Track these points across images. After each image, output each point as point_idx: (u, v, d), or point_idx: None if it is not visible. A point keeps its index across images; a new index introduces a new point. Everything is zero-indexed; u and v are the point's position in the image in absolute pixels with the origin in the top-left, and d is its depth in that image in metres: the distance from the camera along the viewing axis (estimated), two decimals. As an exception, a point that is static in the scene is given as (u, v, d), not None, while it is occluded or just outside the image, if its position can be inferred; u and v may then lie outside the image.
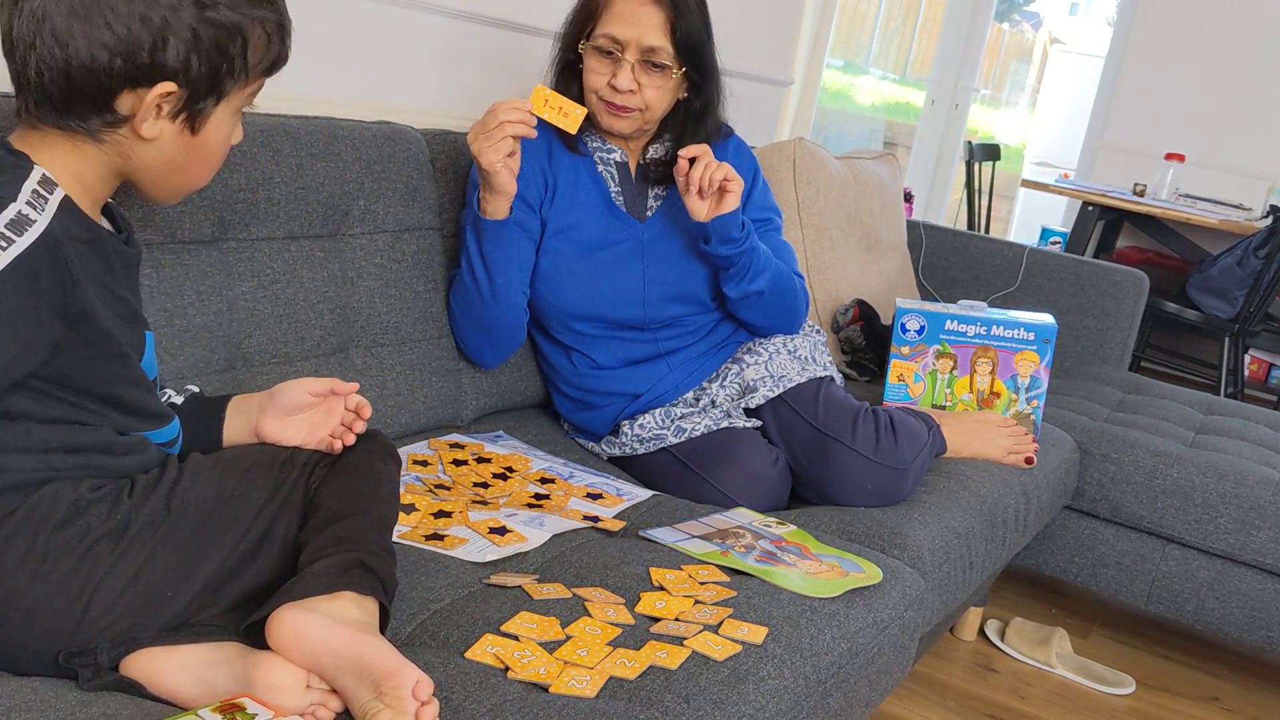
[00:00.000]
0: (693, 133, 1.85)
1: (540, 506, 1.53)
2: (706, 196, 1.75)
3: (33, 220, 0.98)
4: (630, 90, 1.75)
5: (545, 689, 1.09)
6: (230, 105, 1.11)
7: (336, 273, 1.65)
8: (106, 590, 1.02)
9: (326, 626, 0.99)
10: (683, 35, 1.75)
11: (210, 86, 1.07)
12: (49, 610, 1.00)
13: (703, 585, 1.33)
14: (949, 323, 2.07)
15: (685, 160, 1.73)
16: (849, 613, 1.36)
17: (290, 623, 0.99)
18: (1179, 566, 2.34)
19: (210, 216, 1.47)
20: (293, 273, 1.58)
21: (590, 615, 1.23)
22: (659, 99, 1.79)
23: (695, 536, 1.49)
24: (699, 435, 1.78)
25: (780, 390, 1.83)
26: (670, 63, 1.76)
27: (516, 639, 1.16)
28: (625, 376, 1.87)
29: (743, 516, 1.59)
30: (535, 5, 2.20)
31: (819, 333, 2.03)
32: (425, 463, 1.62)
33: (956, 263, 2.99)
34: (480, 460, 1.65)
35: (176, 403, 1.26)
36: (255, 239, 1.54)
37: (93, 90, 1.03)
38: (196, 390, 1.29)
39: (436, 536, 1.38)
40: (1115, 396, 2.70)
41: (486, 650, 1.14)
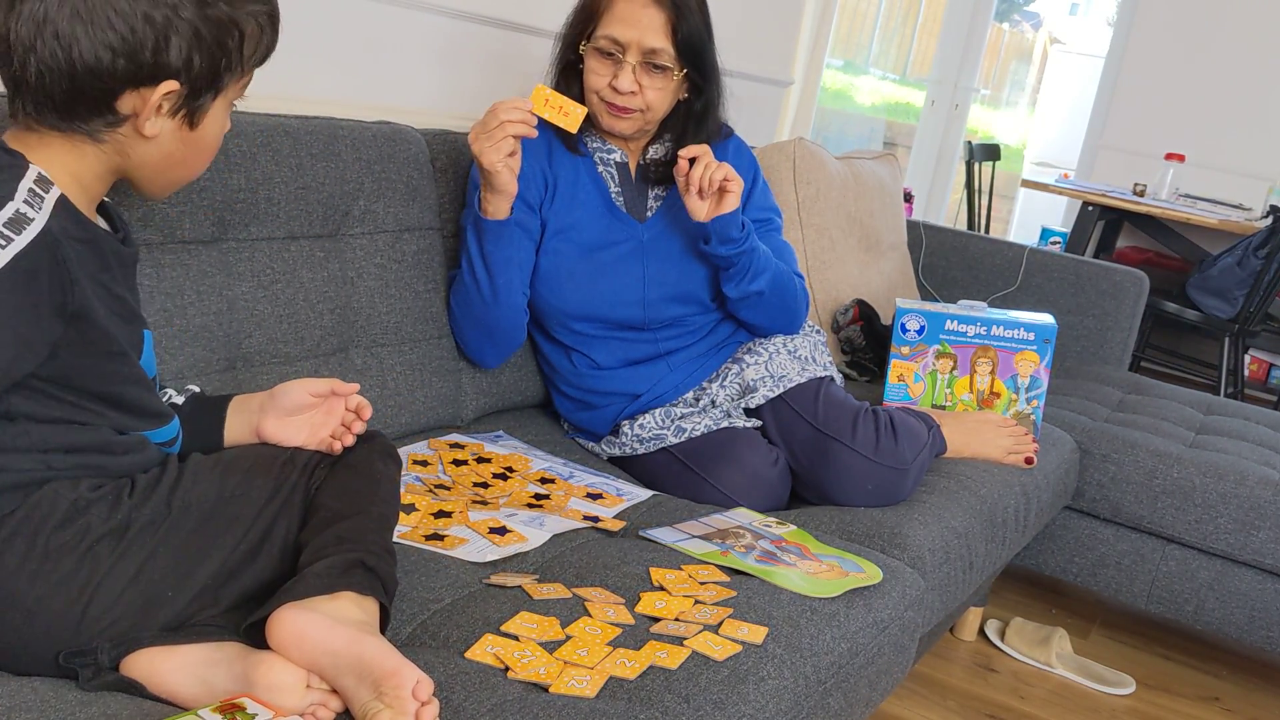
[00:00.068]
0: (693, 133, 1.85)
1: (540, 506, 1.53)
2: (706, 196, 1.75)
3: (30, 219, 0.98)
4: (632, 92, 1.75)
5: (545, 689, 1.09)
6: (226, 99, 1.11)
7: (336, 273, 1.65)
8: (107, 590, 1.02)
9: (327, 626, 0.99)
10: (684, 37, 1.75)
11: (210, 82, 1.07)
12: (49, 610, 1.00)
13: (703, 585, 1.33)
14: (949, 323, 2.07)
15: (685, 160, 1.73)
16: (849, 613, 1.36)
17: (290, 623, 0.99)
18: (1179, 566, 2.34)
19: (210, 216, 1.47)
20: (293, 273, 1.58)
21: (590, 615, 1.23)
22: (660, 100, 1.79)
23: (695, 536, 1.49)
24: (699, 435, 1.78)
25: (780, 390, 1.83)
26: (671, 64, 1.76)
27: (516, 639, 1.16)
28: (625, 377, 1.87)
29: (743, 516, 1.60)
30: (535, 5, 2.20)
31: (819, 333, 2.03)
32: (425, 463, 1.62)
33: (956, 263, 2.99)
34: (480, 460, 1.65)
35: (177, 402, 1.26)
36: (255, 239, 1.54)
37: (96, 92, 1.02)
38: (197, 390, 1.29)
39: (436, 536, 1.38)
40: (1115, 396, 2.70)
41: (486, 650, 1.14)
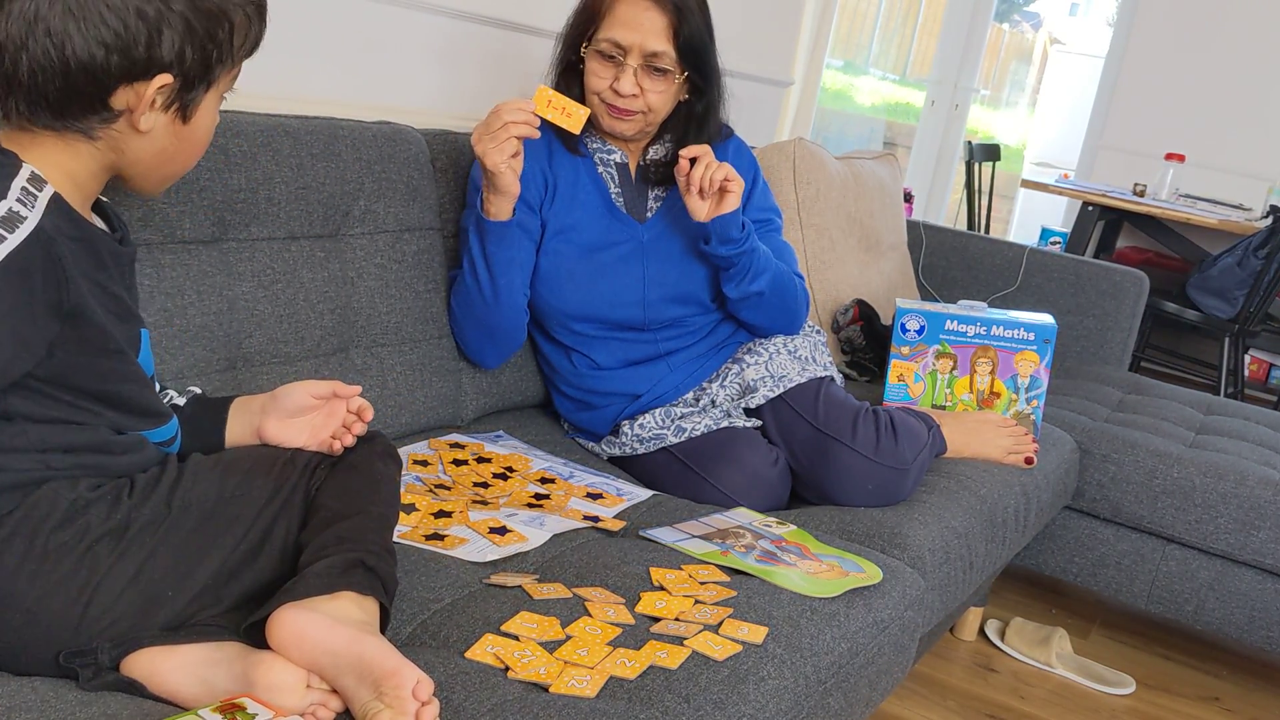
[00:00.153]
0: (694, 135, 1.85)
1: (540, 506, 1.53)
2: (707, 196, 1.75)
3: (23, 217, 0.97)
4: (633, 95, 1.75)
5: (545, 689, 1.09)
6: (217, 91, 1.11)
7: (337, 273, 1.65)
8: (106, 590, 1.02)
9: (327, 626, 0.99)
10: (685, 39, 1.75)
11: (202, 74, 1.07)
12: (49, 610, 1.00)
13: (703, 585, 1.33)
14: (949, 323, 2.07)
15: (686, 160, 1.73)
16: (849, 613, 1.36)
17: (291, 622, 0.99)
18: (1179, 566, 2.34)
19: (210, 216, 1.47)
20: (293, 273, 1.58)
21: (590, 615, 1.23)
22: (662, 102, 1.79)
23: (695, 536, 1.49)
24: (699, 435, 1.78)
25: (780, 390, 1.83)
26: (672, 67, 1.76)
27: (517, 639, 1.16)
28: (625, 377, 1.87)
29: (743, 516, 1.60)
30: (535, 5, 2.20)
31: (819, 333, 2.03)
32: (425, 463, 1.62)
33: (956, 263, 2.99)
34: (480, 460, 1.65)
35: (179, 404, 1.26)
36: (256, 239, 1.54)
37: (90, 89, 1.02)
38: (198, 391, 1.29)
39: (437, 536, 1.38)
40: (1115, 396, 2.70)
41: (487, 650, 1.14)
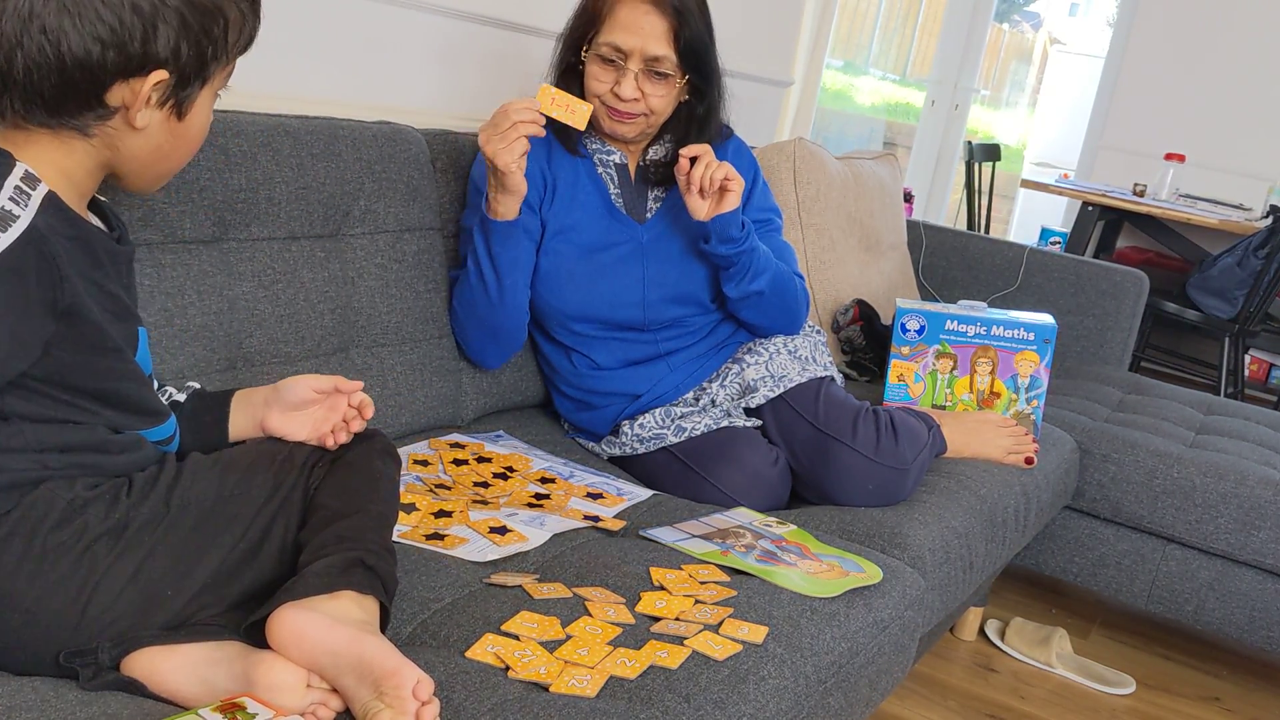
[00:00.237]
0: (695, 136, 1.85)
1: (540, 506, 1.53)
2: (708, 196, 1.75)
3: (16, 216, 0.97)
4: (634, 99, 1.75)
5: (546, 688, 1.09)
6: (212, 88, 1.11)
7: (337, 273, 1.65)
8: (105, 589, 1.02)
9: (327, 626, 0.99)
10: (686, 43, 1.75)
11: (197, 70, 1.07)
12: (48, 610, 1.00)
13: (703, 585, 1.33)
14: (949, 323, 2.07)
15: (686, 159, 1.73)
16: (849, 613, 1.36)
17: (290, 622, 0.99)
18: (1179, 566, 2.34)
19: (211, 216, 1.47)
20: (293, 273, 1.58)
21: (591, 615, 1.23)
22: (663, 105, 1.79)
23: (695, 536, 1.49)
24: (699, 435, 1.78)
25: (781, 390, 1.83)
26: (673, 71, 1.76)
27: (517, 638, 1.16)
28: (625, 377, 1.87)
29: (743, 516, 1.60)
30: (535, 5, 2.20)
31: (819, 333, 2.03)
32: (426, 462, 1.62)
33: (956, 263, 2.99)
34: (481, 460, 1.65)
35: (179, 400, 1.26)
36: (256, 239, 1.54)
37: (85, 85, 1.01)
38: (197, 387, 1.29)
39: (437, 536, 1.38)
40: (1115, 396, 2.70)
41: (487, 650, 1.14)
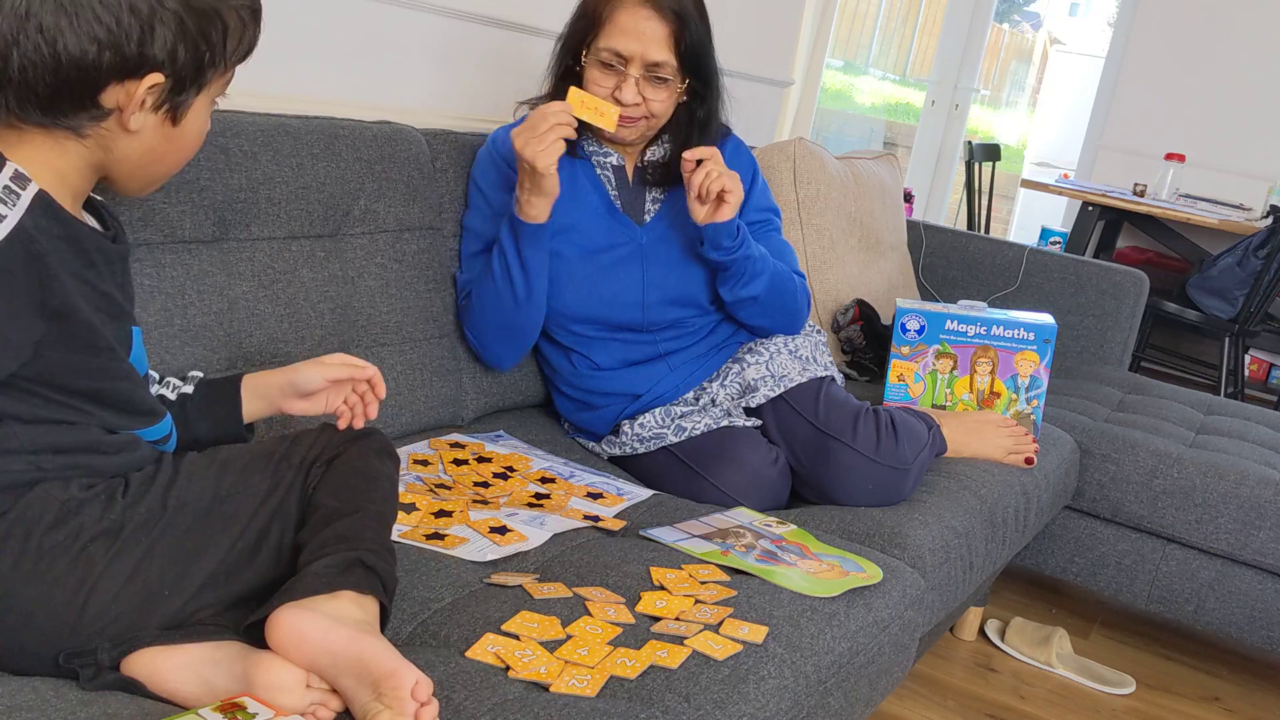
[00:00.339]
0: (696, 138, 1.85)
1: (541, 506, 1.53)
2: (706, 202, 1.75)
3: (3, 216, 0.97)
4: (636, 104, 1.75)
5: (546, 688, 1.09)
6: (208, 95, 1.11)
7: (337, 272, 1.65)
8: (103, 590, 1.02)
9: (326, 626, 0.99)
10: (687, 48, 1.75)
11: (194, 75, 1.07)
12: (46, 611, 1.00)
13: (703, 585, 1.33)
14: (949, 323, 2.07)
15: (691, 160, 1.73)
16: (849, 612, 1.36)
17: (290, 622, 0.99)
18: (1179, 566, 2.34)
19: (211, 216, 1.47)
20: (293, 272, 1.58)
21: (591, 614, 1.23)
22: (664, 109, 1.79)
23: (696, 536, 1.49)
24: (699, 434, 1.78)
25: (781, 390, 1.83)
26: (674, 76, 1.76)
27: (517, 638, 1.16)
28: (625, 377, 1.87)
29: (743, 516, 1.60)
30: (535, 5, 2.20)
31: (820, 333, 2.03)
32: (426, 462, 1.62)
33: (956, 263, 2.99)
34: (481, 460, 1.65)
35: (187, 392, 1.26)
36: (256, 239, 1.54)
37: (81, 85, 1.01)
38: (202, 375, 1.30)
39: (437, 536, 1.38)
40: (1115, 396, 2.70)
41: (487, 649, 1.14)
